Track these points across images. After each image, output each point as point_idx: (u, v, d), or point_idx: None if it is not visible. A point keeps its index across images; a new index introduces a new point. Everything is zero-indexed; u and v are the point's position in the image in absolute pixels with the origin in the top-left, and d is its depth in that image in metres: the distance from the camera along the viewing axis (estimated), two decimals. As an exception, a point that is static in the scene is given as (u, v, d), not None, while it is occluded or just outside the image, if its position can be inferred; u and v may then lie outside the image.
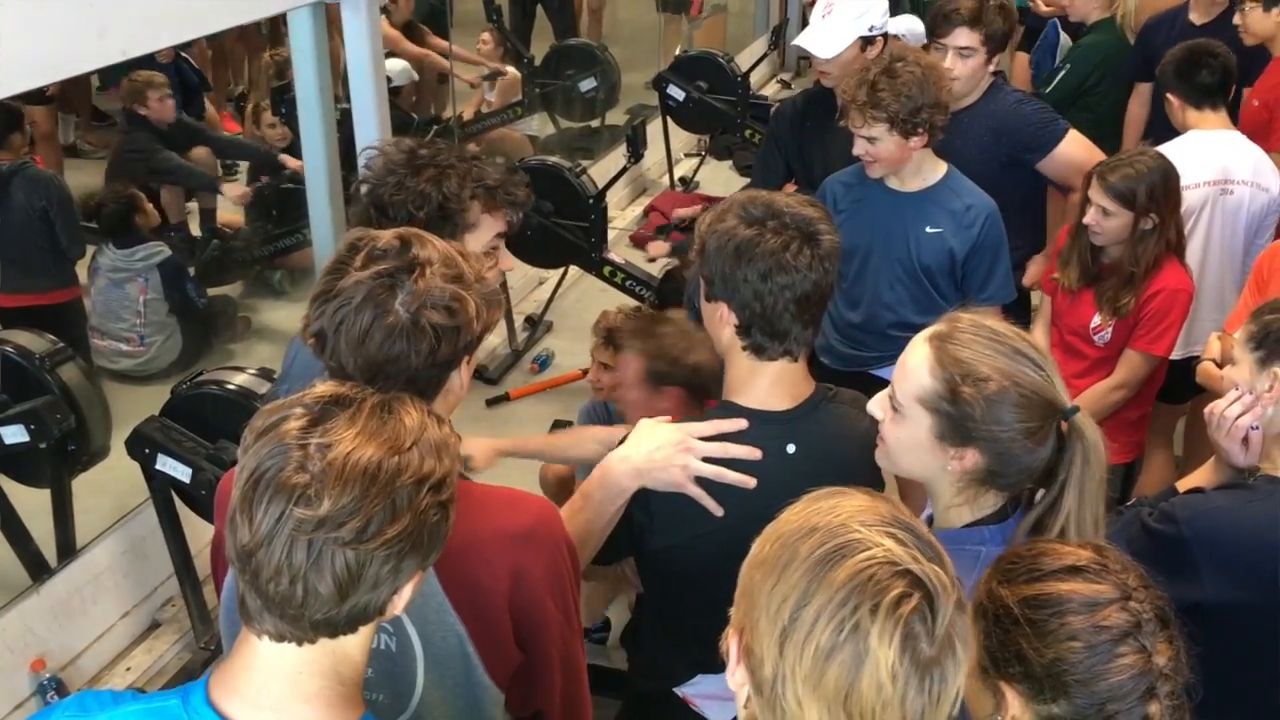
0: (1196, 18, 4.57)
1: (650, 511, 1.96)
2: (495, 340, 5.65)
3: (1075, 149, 3.48)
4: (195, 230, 6.32)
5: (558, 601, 1.66)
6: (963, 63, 3.45)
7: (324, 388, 1.27)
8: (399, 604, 1.25)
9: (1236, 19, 4.19)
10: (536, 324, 5.72)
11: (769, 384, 1.94)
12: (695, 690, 2.12)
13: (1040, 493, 1.69)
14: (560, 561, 1.66)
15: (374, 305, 1.49)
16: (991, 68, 3.54)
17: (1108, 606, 1.39)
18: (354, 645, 1.26)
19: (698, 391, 2.67)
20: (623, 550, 2.06)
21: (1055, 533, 1.61)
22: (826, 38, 3.42)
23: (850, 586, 1.10)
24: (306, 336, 1.56)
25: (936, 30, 3.50)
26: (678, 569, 2.01)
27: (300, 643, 1.22)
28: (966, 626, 1.14)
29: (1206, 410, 2.13)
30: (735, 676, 1.17)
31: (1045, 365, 1.67)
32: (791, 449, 1.94)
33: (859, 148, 2.99)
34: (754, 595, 1.16)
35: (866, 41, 3.43)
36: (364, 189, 2.12)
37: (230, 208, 6.26)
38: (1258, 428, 2.06)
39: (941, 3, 3.52)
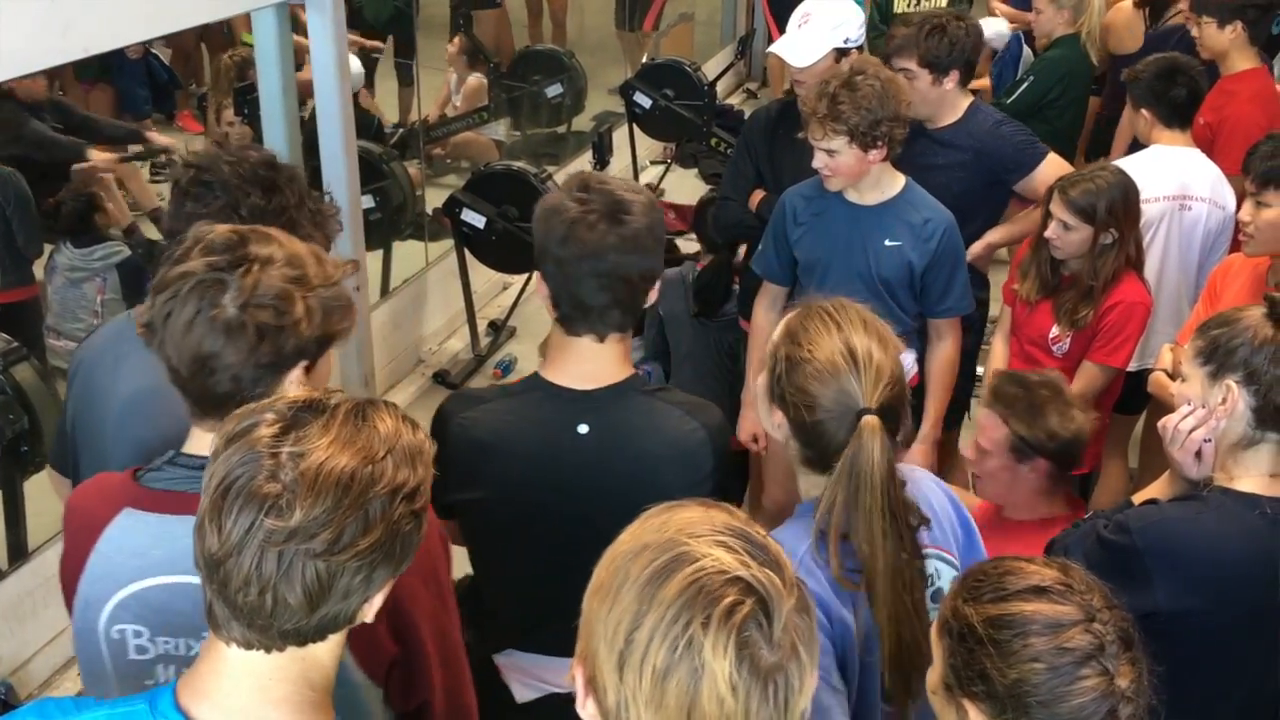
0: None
1: (445, 463, 2.01)
2: (458, 345, 5.64)
3: (1054, 170, 3.52)
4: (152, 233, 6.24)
5: (430, 588, 1.63)
6: (910, 85, 3.48)
7: (298, 392, 1.26)
8: (370, 612, 1.24)
9: (1193, 30, 4.23)
10: (499, 329, 5.70)
11: (575, 361, 1.98)
12: (506, 661, 2.12)
13: None
14: (431, 547, 1.62)
15: (200, 297, 1.47)
16: (948, 85, 3.55)
17: (1071, 628, 1.39)
18: (325, 652, 1.25)
19: (1065, 464, 2.64)
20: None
21: (820, 523, 1.69)
22: (802, 47, 3.44)
23: (681, 601, 1.07)
24: (139, 327, 1.53)
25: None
26: (469, 529, 2.07)
27: (269, 650, 1.21)
28: (811, 628, 1.12)
29: (1160, 424, 2.16)
30: (586, 709, 1.15)
31: (862, 363, 1.71)
32: (583, 429, 1.96)
33: (818, 160, 3.00)
34: (593, 623, 1.13)
35: (841, 54, 3.45)
36: (208, 195, 2.00)
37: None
38: (1210, 440, 2.09)
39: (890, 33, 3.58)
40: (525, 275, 5.66)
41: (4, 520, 3.46)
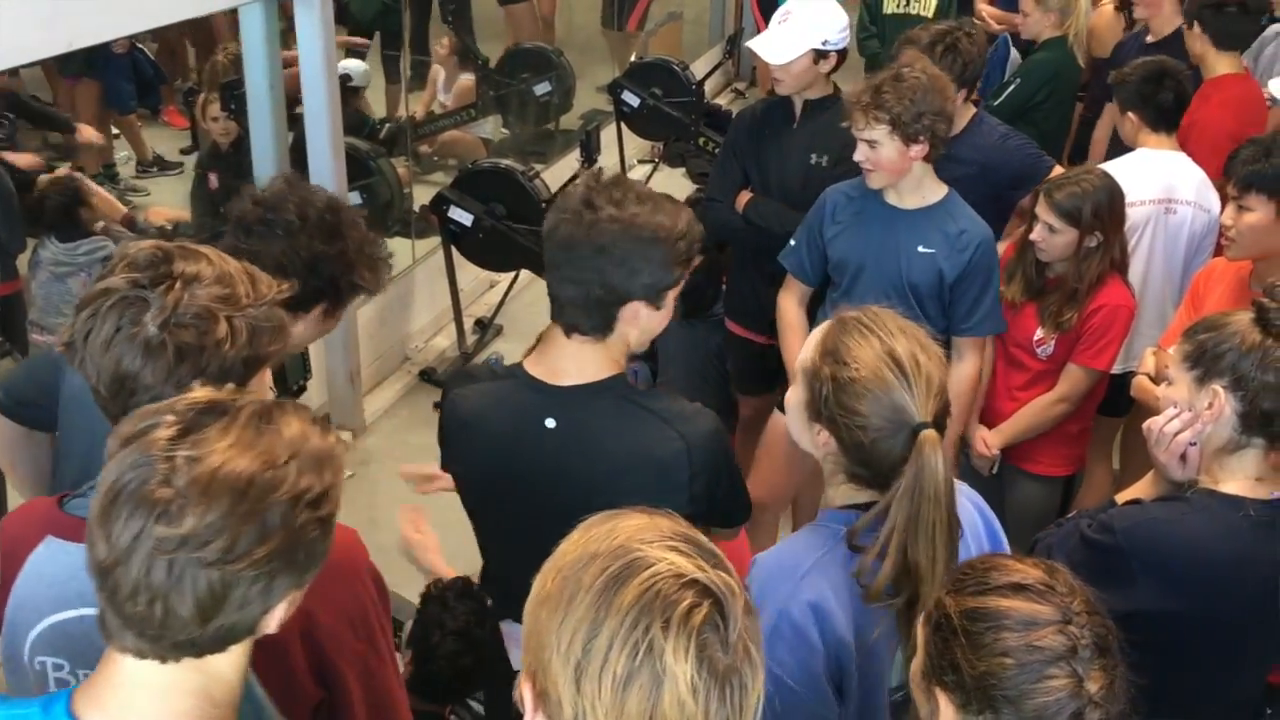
0: (1153, 37, 4.65)
1: (443, 434, 2.14)
2: (444, 342, 5.63)
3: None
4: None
5: (358, 632, 1.58)
6: None
7: (200, 393, 1.21)
8: (271, 623, 1.20)
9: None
10: (486, 327, 5.70)
11: (555, 355, 2.00)
12: (507, 629, 2.19)
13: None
14: (362, 592, 1.59)
15: (120, 315, 1.43)
16: (958, 102, 3.55)
17: (1045, 627, 1.39)
18: (226, 664, 1.20)
19: None
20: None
21: (883, 542, 1.64)
22: (779, 45, 3.44)
23: (639, 607, 1.06)
24: (60, 345, 1.49)
25: None
26: (463, 495, 2.18)
27: (164, 660, 1.16)
28: (757, 629, 1.12)
29: (1145, 426, 2.16)
30: None
31: (910, 374, 1.69)
32: (550, 423, 1.98)
33: (860, 153, 2.98)
34: (542, 635, 1.10)
35: (820, 55, 3.44)
36: (271, 235, 2.00)
37: (168, 203, 6.15)
38: (1196, 444, 2.10)
39: (895, 47, 3.57)
40: (512, 273, 5.66)
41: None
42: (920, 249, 3.03)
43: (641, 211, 1.89)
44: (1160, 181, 3.55)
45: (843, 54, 3.53)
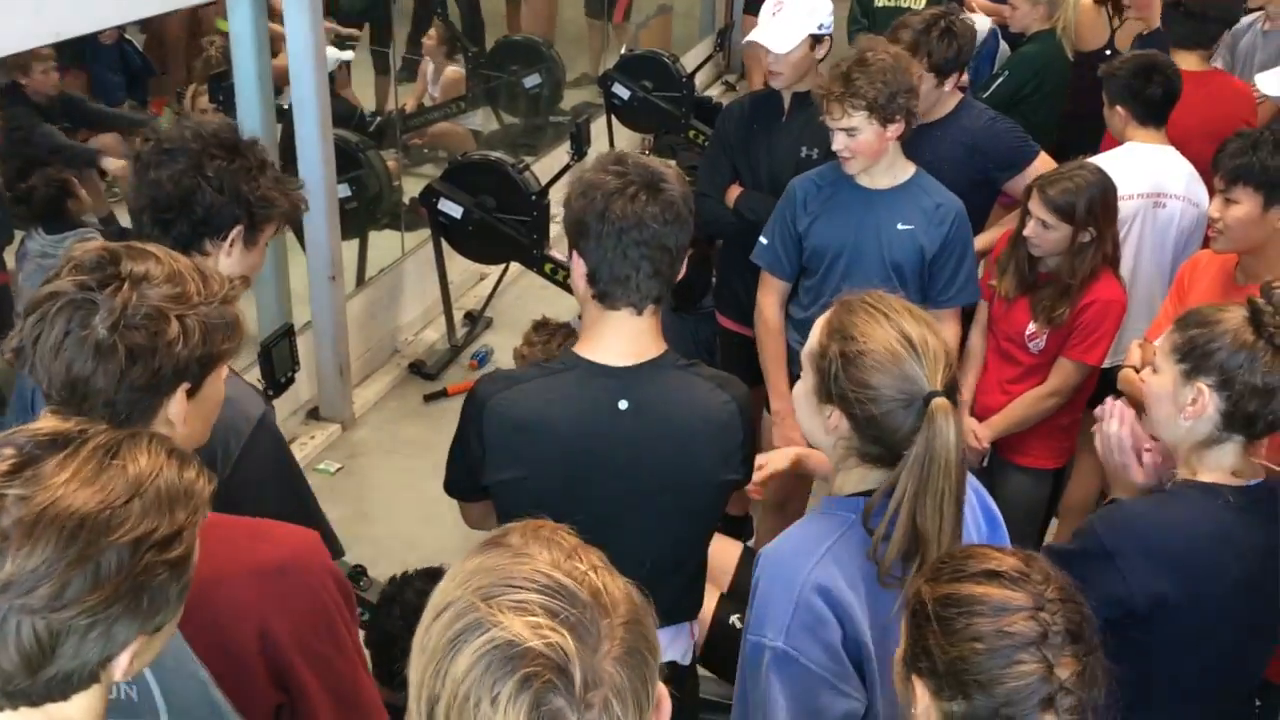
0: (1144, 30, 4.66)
1: (484, 444, 2.04)
2: (434, 335, 5.62)
3: (1044, 169, 3.53)
4: (125, 220, 6.19)
5: (323, 635, 1.55)
6: None
7: (45, 423, 1.14)
8: (117, 672, 1.13)
9: None
10: (476, 320, 5.69)
11: (611, 337, 2.02)
12: None
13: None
14: (323, 593, 1.56)
15: (68, 318, 1.40)
16: (948, 87, 3.56)
17: (1016, 614, 1.40)
18: (75, 710, 1.12)
19: None
20: (463, 480, 2.14)
21: (893, 509, 1.64)
22: (780, 33, 3.44)
23: (469, 679, 1.00)
24: (8, 352, 1.45)
25: None
26: (507, 507, 2.06)
27: (1, 709, 1.09)
28: (640, 670, 1.04)
29: (1097, 441, 2.20)
30: None
31: (919, 346, 1.69)
32: (624, 405, 2.00)
33: (838, 142, 3.01)
34: (410, 684, 1.06)
35: (815, 40, 3.46)
36: (170, 161, 1.97)
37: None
38: (1150, 449, 2.13)
39: (890, 31, 3.55)
40: (502, 266, 5.65)
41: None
42: (900, 226, 3.08)
43: (661, 166, 2.02)
44: (1149, 176, 3.55)
45: (832, 38, 3.54)
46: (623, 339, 2.02)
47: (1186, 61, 3.98)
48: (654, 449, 2.02)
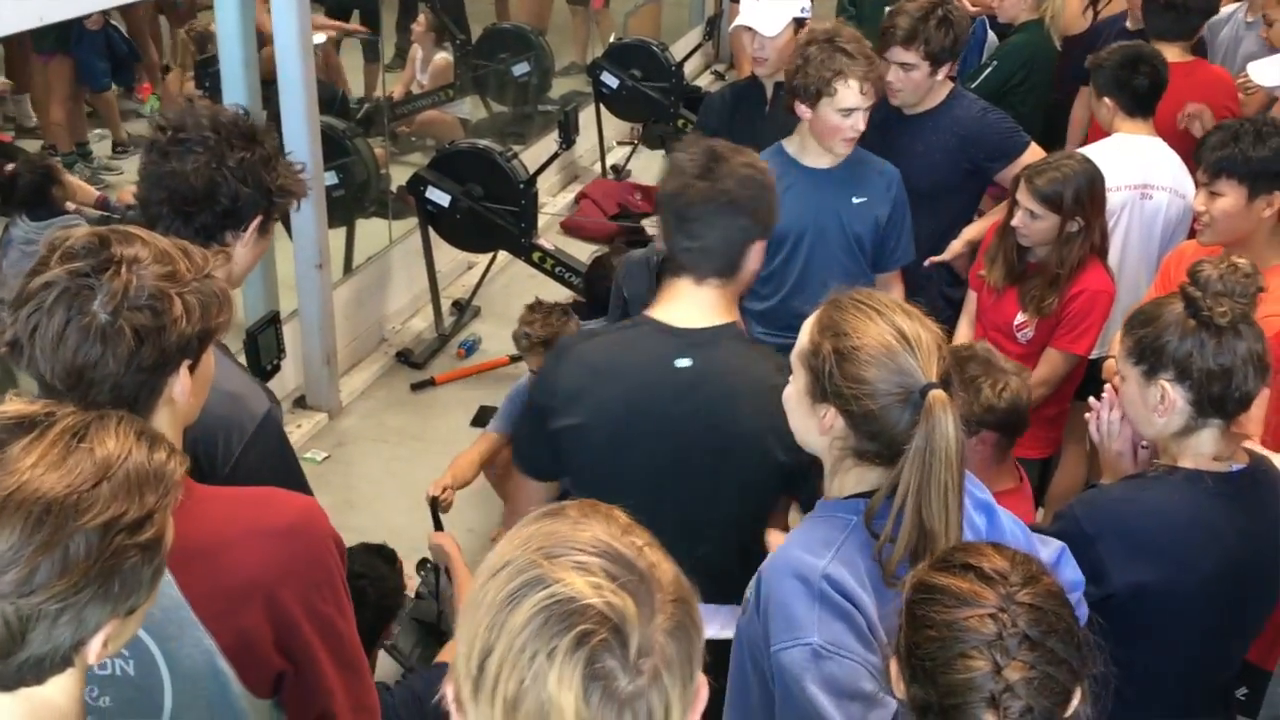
0: (1132, 24, 4.66)
1: (559, 391, 2.16)
2: (421, 324, 5.61)
3: (1035, 159, 3.54)
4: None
5: (326, 597, 1.56)
6: (905, 76, 3.49)
7: (10, 406, 1.14)
8: (90, 655, 1.12)
9: None
10: (464, 309, 5.67)
11: (675, 302, 2.16)
12: None
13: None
14: (326, 556, 1.57)
15: (68, 306, 1.39)
16: (940, 75, 3.56)
17: (975, 608, 1.40)
18: (53, 691, 1.13)
19: (1010, 432, 2.60)
20: (538, 451, 2.22)
21: (897, 507, 1.61)
22: (768, 16, 3.44)
23: (527, 631, 1.01)
24: (2, 347, 1.44)
25: (880, 45, 3.52)
26: (577, 453, 2.16)
27: None
28: (687, 646, 1.06)
29: (1092, 429, 2.21)
30: None
31: (913, 338, 1.67)
32: (682, 362, 2.11)
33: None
34: (459, 640, 1.08)
35: (799, 23, 3.47)
36: (191, 153, 1.96)
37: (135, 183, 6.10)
38: (1147, 446, 2.14)
39: (887, 17, 3.55)
40: (489, 254, 5.64)
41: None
42: (854, 200, 3.17)
43: (738, 160, 2.16)
44: (1136, 167, 3.56)
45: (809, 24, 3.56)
46: (687, 305, 2.14)
47: (1169, 53, 3.99)
48: (707, 409, 2.09)
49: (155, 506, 1.13)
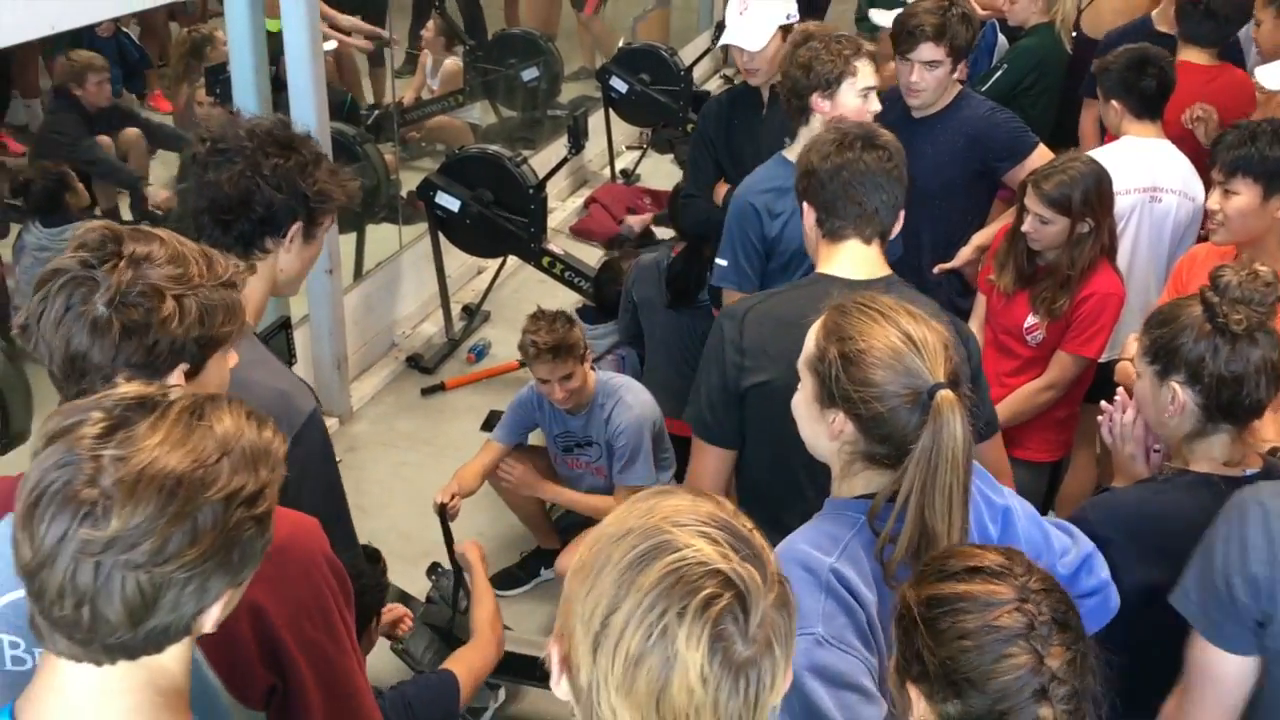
0: (1166, 26, 4.63)
1: (745, 349, 2.23)
2: (432, 329, 5.62)
3: (1043, 160, 3.53)
4: (126, 214, 6.18)
5: (316, 622, 1.56)
6: (930, 74, 3.48)
7: (129, 388, 1.18)
8: (208, 623, 1.18)
9: None
10: (474, 314, 5.68)
11: (846, 258, 2.28)
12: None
13: None
14: (319, 580, 1.57)
15: (69, 293, 1.43)
16: (956, 74, 3.57)
17: (1001, 607, 1.40)
18: (169, 659, 1.18)
19: None
20: (720, 414, 2.27)
21: (900, 507, 1.62)
22: (752, 31, 3.45)
23: (658, 590, 1.07)
24: (16, 327, 1.49)
25: (901, 45, 3.50)
26: (763, 410, 2.20)
27: (99, 664, 1.14)
28: (787, 624, 1.11)
29: (1105, 431, 2.21)
30: (560, 686, 1.15)
31: (919, 339, 1.67)
32: None
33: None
34: (572, 602, 1.13)
35: (786, 30, 3.47)
36: (227, 162, 1.98)
37: (163, 188, 6.13)
38: (1160, 450, 2.13)
39: (904, 17, 3.53)
40: (500, 259, 5.65)
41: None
42: None
43: (894, 139, 2.35)
44: (1145, 170, 3.55)
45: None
46: (858, 261, 2.26)
47: (1196, 56, 3.98)
48: None
49: (267, 481, 1.18)
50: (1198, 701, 1.81)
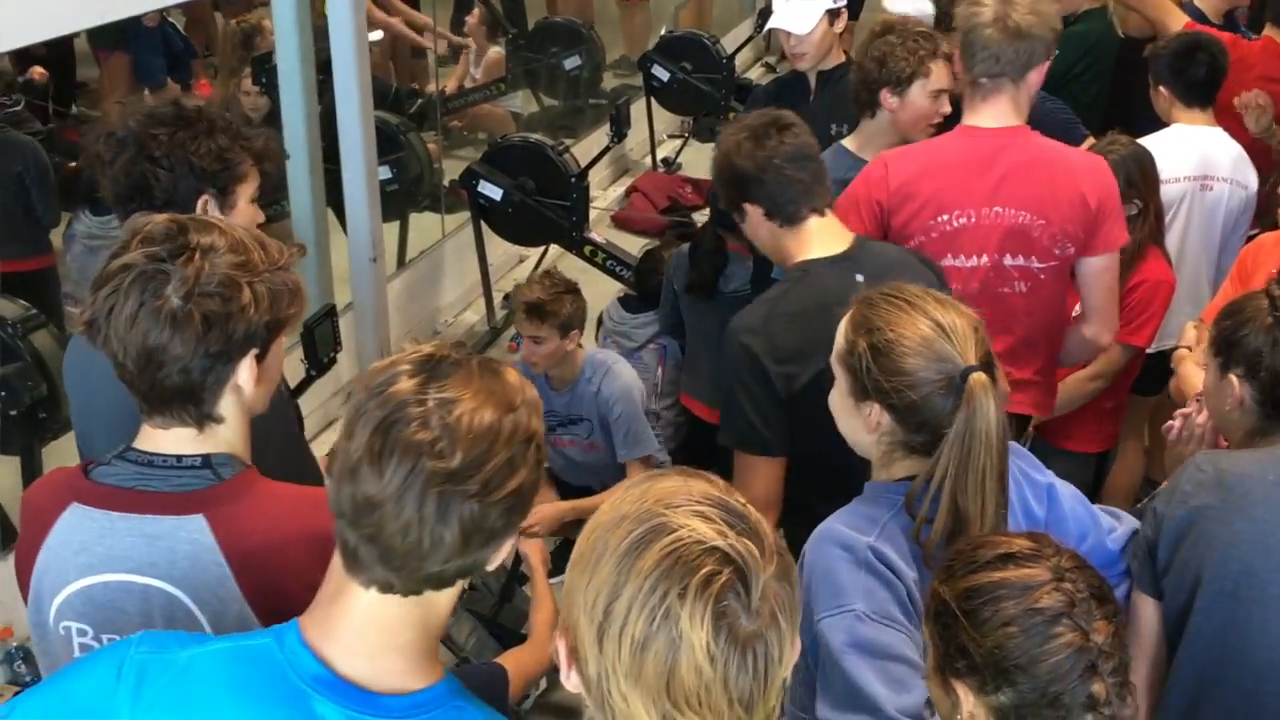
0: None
1: (781, 350, 2.20)
2: (473, 317, 5.64)
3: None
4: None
5: (319, 562, 1.54)
6: None
7: (425, 348, 1.28)
8: (494, 561, 1.27)
9: None
10: (515, 302, 5.70)
11: (813, 238, 2.30)
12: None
13: None
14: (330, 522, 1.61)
15: (142, 289, 1.44)
16: None
17: (1040, 589, 1.40)
18: (445, 600, 1.28)
19: None
20: (775, 418, 2.22)
21: (934, 489, 1.63)
22: (799, 15, 3.42)
23: (658, 573, 1.07)
24: (79, 326, 1.50)
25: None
26: (804, 407, 2.12)
27: (406, 594, 1.23)
28: (791, 595, 1.12)
29: (1172, 433, 2.21)
30: (570, 679, 1.16)
31: (947, 325, 1.67)
32: (860, 278, 2.22)
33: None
34: (573, 594, 1.14)
35: (833, 15, 3.44)
36: (120, 150, 1.97)
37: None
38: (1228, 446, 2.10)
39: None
40: (541, 248, 5.66)
41: (22, 486, 3.48)
42: None
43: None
44: (1196, 158, 3.50)
45: (845, 11, 3.53)
46: (825, 234, 2.30)
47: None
48: None
49: (540, 429, 1.28)
50: None
